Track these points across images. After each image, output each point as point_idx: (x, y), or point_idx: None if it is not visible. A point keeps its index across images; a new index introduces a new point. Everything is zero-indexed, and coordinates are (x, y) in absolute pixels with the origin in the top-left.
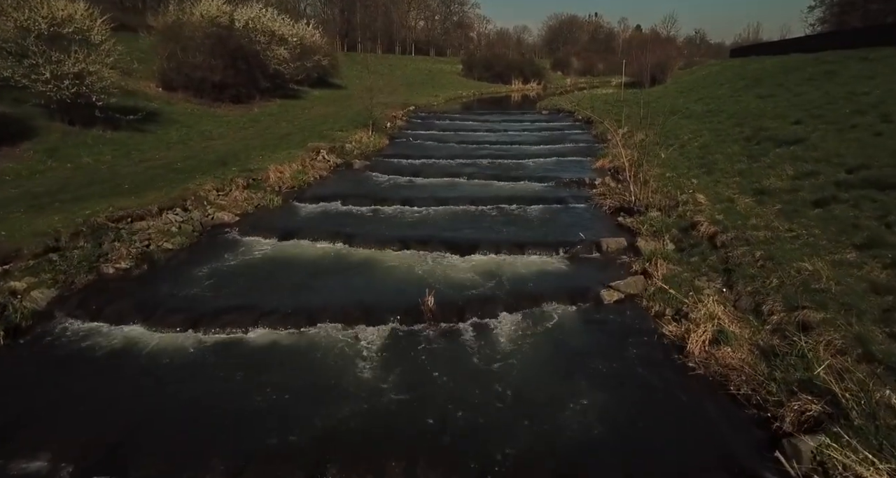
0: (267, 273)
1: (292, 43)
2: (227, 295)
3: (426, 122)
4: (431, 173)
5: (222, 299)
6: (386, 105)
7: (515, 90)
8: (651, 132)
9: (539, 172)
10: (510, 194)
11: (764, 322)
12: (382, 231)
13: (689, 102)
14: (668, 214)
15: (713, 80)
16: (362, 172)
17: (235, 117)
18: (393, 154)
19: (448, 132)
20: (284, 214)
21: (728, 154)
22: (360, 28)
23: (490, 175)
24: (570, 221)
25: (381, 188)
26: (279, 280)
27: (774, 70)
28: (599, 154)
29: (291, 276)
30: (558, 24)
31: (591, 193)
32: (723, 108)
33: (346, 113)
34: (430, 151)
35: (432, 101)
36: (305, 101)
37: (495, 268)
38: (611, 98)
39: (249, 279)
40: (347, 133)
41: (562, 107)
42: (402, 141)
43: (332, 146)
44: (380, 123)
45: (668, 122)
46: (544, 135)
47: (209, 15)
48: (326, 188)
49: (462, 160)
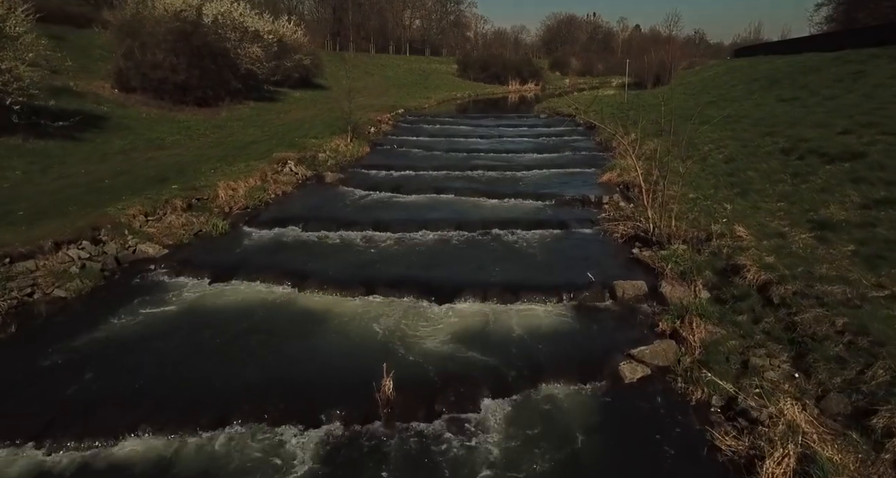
0: (179, 336)
1: (267, 40)
2: (108, 377)
3: (414, 126)
4: (414, 188)
5: (98, 385)
6: (373, 108)
7: (512, 91)
8: (664, 141)
9: (537, 187)
10: (503, 216)
11: (879, 446)
12: (344, 268)
13: (701, 105)
14: (696, 248)
15: (722, 80)
16: (335, 187)
17: (197, 122)
18: (373, 164)
19: (437, 138)
20: (229, 243)
21: (764, 171)
22: (353, 27)
23: (481, 191)
24: (574, 253)
25: (353, 208)
26: (191, 348)
27: (790, 70)
28: (605, 166)
29: (210, 339)
30: (556, 23)
31: (599, 215)
32: (743, 113)
33: (327, 117)
34: (415, 160)
35: (423, 104)
36: (283, 104)
37: (480, 323)
38: (613, 100)
39: (149, 348)
40: (323, 140)
41: (561, 110)
42: (385, 149)
43: (302, 156)
44: (362, 129)
45: (684, 128)
46: (542, 142)
47: (173, 8)
48: (287, 208)
49: (450, 172)
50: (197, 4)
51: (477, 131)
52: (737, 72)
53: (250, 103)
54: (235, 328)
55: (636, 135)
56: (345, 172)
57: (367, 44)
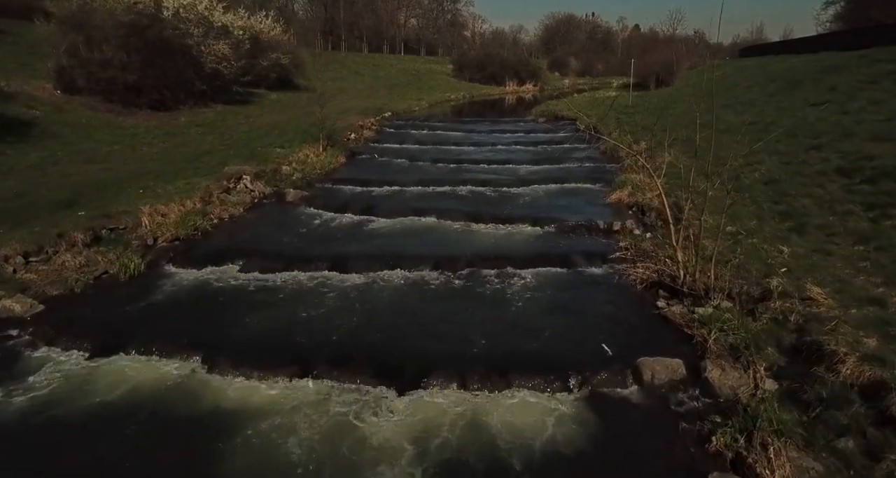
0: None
1: (237, 37)
2: None
3: (400, 132)
4: (390, 209)
5: None
6: (357, 111)
7: (510, 92)
8: (682, 151)
9: (535, 208)
10: (494, 248)
11: None
12: (279, 331)
13: (716, 109)
14: (747, 308)
15: (733, 81)
16: (296, 208)
17: (148, 129)
18: (347, 178)
19: (425, 146)
20: (138, 291)
21: (823, 199)
22: (345, 26)
23: (470, 213)
24: (581, 306)
25: (312, 237)
26: None
27: (809, 70)
28: (613, 182)
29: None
30: (555, 23)
31: (610, 246)
32: (769, 119)
33: (302, 122)
34: (396, 173)
35: (414, 107)
36: (256, 107)
37: (452, 429)
38: (616, 103)
39: None
40: (291, 150)
41: (561, 113)
42: (364, 158)
43: (262, 170)
44: (340, 136)
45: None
46: (541, 151)
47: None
48: (230, 238)
49: (435, 188)
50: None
51: (469, 138)
52: (747, 72)
53: (217, 107)
54: (100, 442)
55: (647, 144)
56: (311, 188)
57: (360, 43)
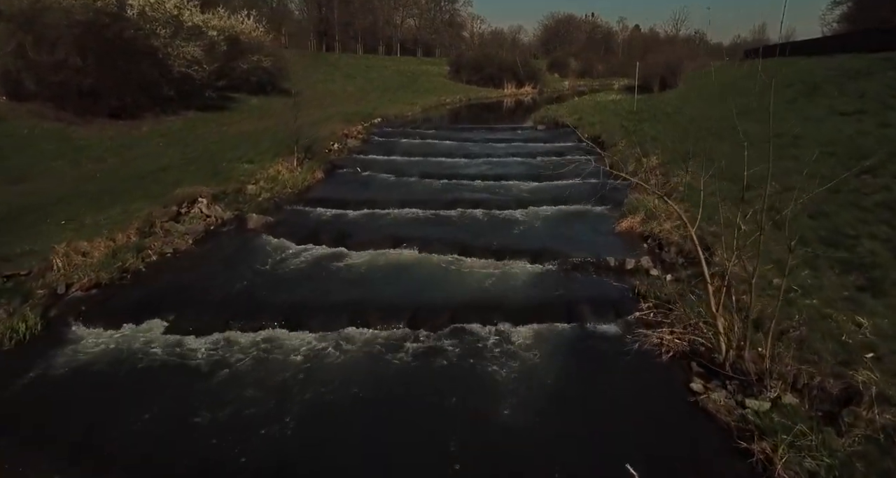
0: None
1: (211, 38)
2: None
3: (389, 141)
4: (366, 239)
5: None
6: (345, 117)
7: (508, 95)
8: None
9: (534, 238)
10: (485, 294)
11: None
12: (192, 428)
13: (727, 113)
14: (820, 406)
15: (744, 85)
16: (255, 237)
17: (101, 141)
18: (322, 198)
19: (413, 158)
20: (22, 364)
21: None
22: (339, 26)
23: (458, 243)
24: (591, 388)
25: (266, 278)
26: None
27: (829, 74)
28: (623, 204)
29: None
30: (555, 23)
31: (623, 293)
32: (797, 132)
33: (281, 131)
34: (379, 190)
35: (406, 111)
36: (232, 114)
37: None
38: (620, 107)
39: None
40: (261, 165)
41: (561, 119)
42: (345, 173)
43: (222, 191)
44: (321, 146)
45: (722, 151)
46: (540, 164)
47: None
48: (164, 283)
49: (421, 211)
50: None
51: (463, 148)
52: (757, 73)
53: (188, 113)
54: None
55: (658, 158)
56: (279, 211)
57: (356, 44)
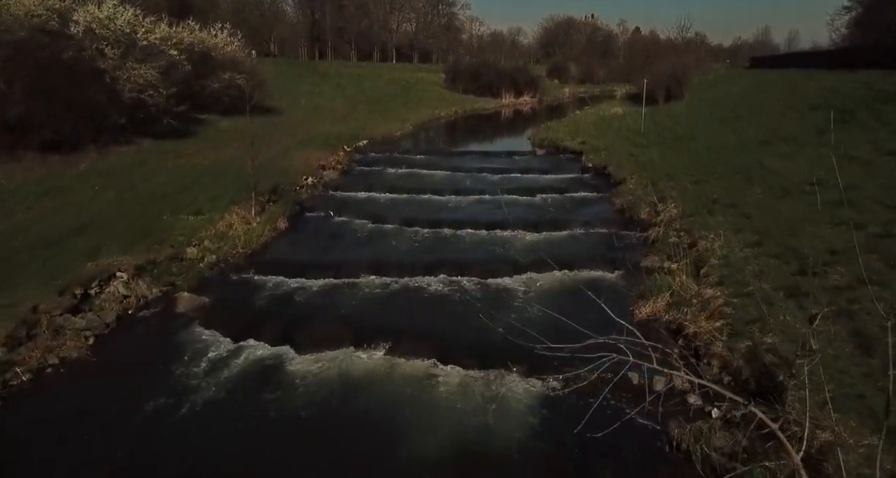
0: None
1: (170, 57)
2: None
3: (372, 172)
4: (322, 334)
5: None
6: (325, 140)
7: (506, 105)
8: (727, 223)
9: (533, 325)
10: (462, 447)
11: None
12: None
13: (747, 140)
14: None
15: (757, 101)
16: (180, 330)
17: (20, 185)
18: (278, 262)
19: (398, 195)
20: None
21: None
22: (332, 31)
23: (437, 340)
24: None
25: (175, 406)
26: None
27: (859, 95)
28: (642, 276)
29: None
30: (554, 26)
31: (660, 438)
32: (844, 180)
33: (249, 163)
34: (349, 248)
35: (396, 130)
36: (195, 141)
37: None
38: (625, 125)
39: None
40: (213, 215)
41: (562, 143)
42: (315, 219)
43: (152, 259)
44: (292, 181)
45: (754, 201)
46: (539, 203)
47: (26, 9)
48: (25, 422)
49: (396, 280)
50: (61, 8)
51: (453, 180)
52: (771, 89)
53: (143, 142)
54: None
55: (676, 205)
56: (223, 283)
57: (350, 49)
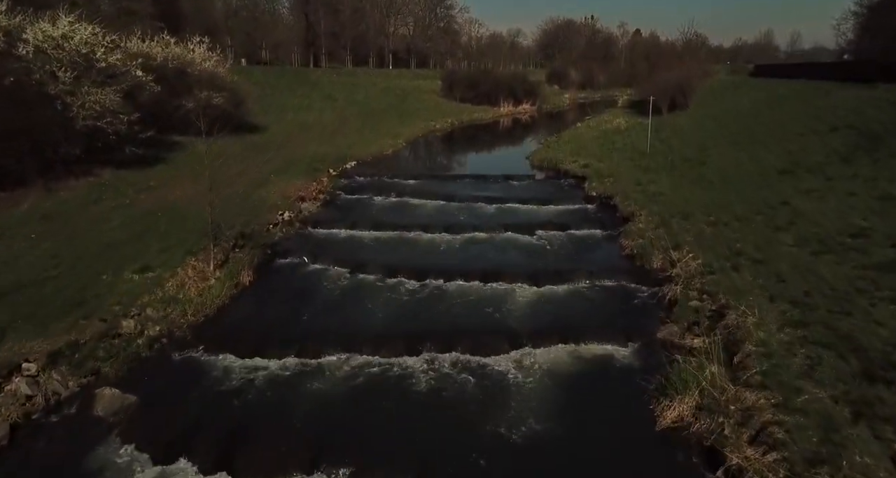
0: None
1: (135, 77)
2: None
3: (358, 202)
4: (270, 459)
5: None
6: (310, 162)
7: (505, 114)
8: (757, 285)
9: (531, 439)
10: None
11: None
12: None
13: (766, 168)
14: None
15: (770, 118)
16: (93, 446)
17: None
18: (234, 333)
19: (383, 233)
20: None
21: None
22: (326, 37)
23: (411, 463)
24: None
25: None
26: None
27: (883, 117)
28: (666, 371)
29: None
30: (554, 28)
31: None
32: (885, 226)
33: (223, 195)
34: (321, 311)
35: (387, 148)
36: (164, 170)
37: None
38: (629, 142)
39: None
40: (164, 271)
41: (563, 165)
42: (286, 267)
43: (74, 341)
44: (262, 221)
45: (782, 250)
46: (540, 246)
47: None
48: None
49: (370, 361)
50: (9, 26)
51: (445, 213)
52: (783, 104)
53: (103, 174)
54: None
55: (695, 256)
56: (162, 366)
57: (345, 54)
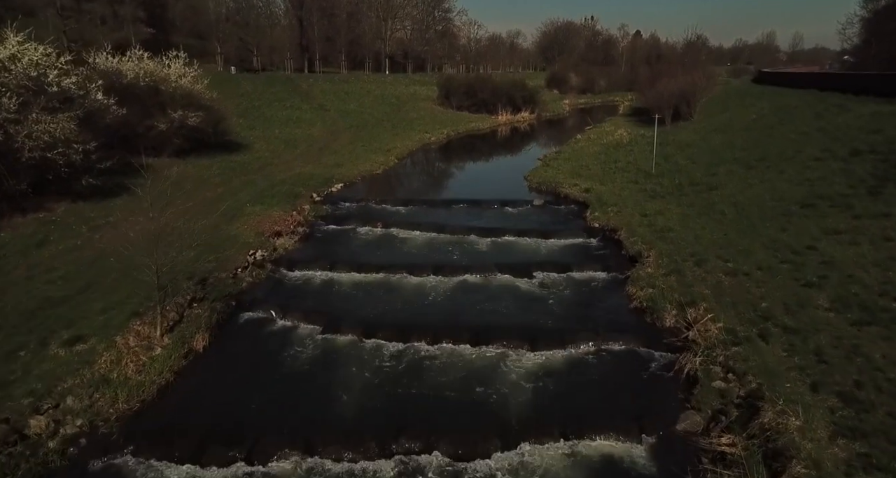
0: None
1: (94, 102)
2: None
3: (340, 233)
4: None
5: None
6: (291, 189)
7: (502, 123)
8: (800, 383)
9: None
10: None
11: None
12: None
13: (784, 198)
14: None
15: (781, 137)
16: None
17: None
18: (174, 423)
19: (364, 276)
20: None
21: None
22: (319, 42)
23: None
24: None
25: None
26: None
27: None
28: None
29: None
30: (553, 30)
31: None
32: None
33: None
34: (282, 392)
35: (378, 167)
36: (129, 200)
37: None
38: (633, 161)
39: None
40: (101, 340)
41: (562, 188)
42: (250, 323)
43: None
44: (227, 265)
45: (820, 315)
46: (538, 295)
47: None
48: None
49: (334, 470)
50: None
51: (435, 247)
52: (794, 119)
53: (57, 208)
54: None
55: (715, 317)
56: (78, 473)
57: (340, 58)
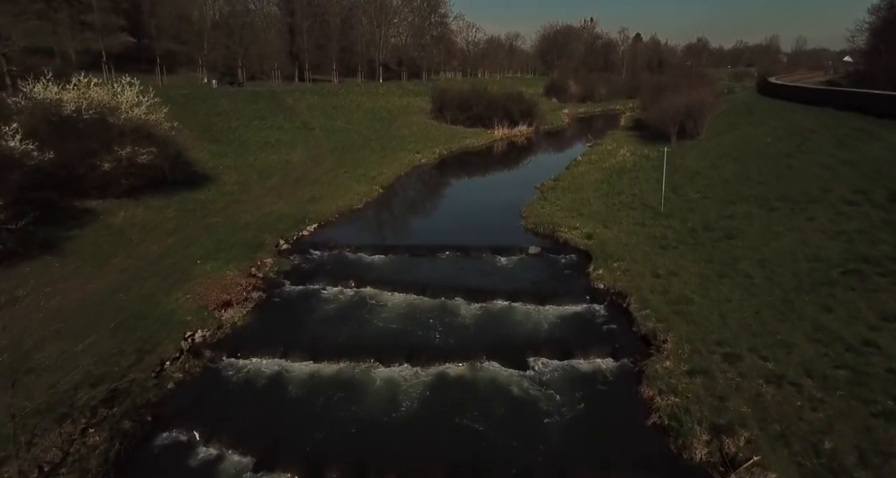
0: None
1: (6, 148)
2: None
3: (304, 296)
4: None
5: None
6: (254, 236)
7: (499, 138)
8: None
9: None
10: None
11: None
12: None
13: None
14: None
15: (802, 168)
16: None
17: None
18: None
19: (324, 367)
20: None
21: None
22: (311, 50)
23: None
24: None
25: None
26: None
27: None
28: None
29: None
30: (553, 33)
31: None
32: None
33: (118, 304)
34: None
35: (361, 198)
36: (52, 262)
37: None
38: (639, 193)
39: None
40: None
41: (561, 231)
42: (162, 450)
43: None
44: (151, 363)
45: None
46: (531, 395)
47: None
48: None
49: None
50: None
51: (413, 320)
52: (814, 144)
53: None
54: None
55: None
56: None
57: (332, 65)
